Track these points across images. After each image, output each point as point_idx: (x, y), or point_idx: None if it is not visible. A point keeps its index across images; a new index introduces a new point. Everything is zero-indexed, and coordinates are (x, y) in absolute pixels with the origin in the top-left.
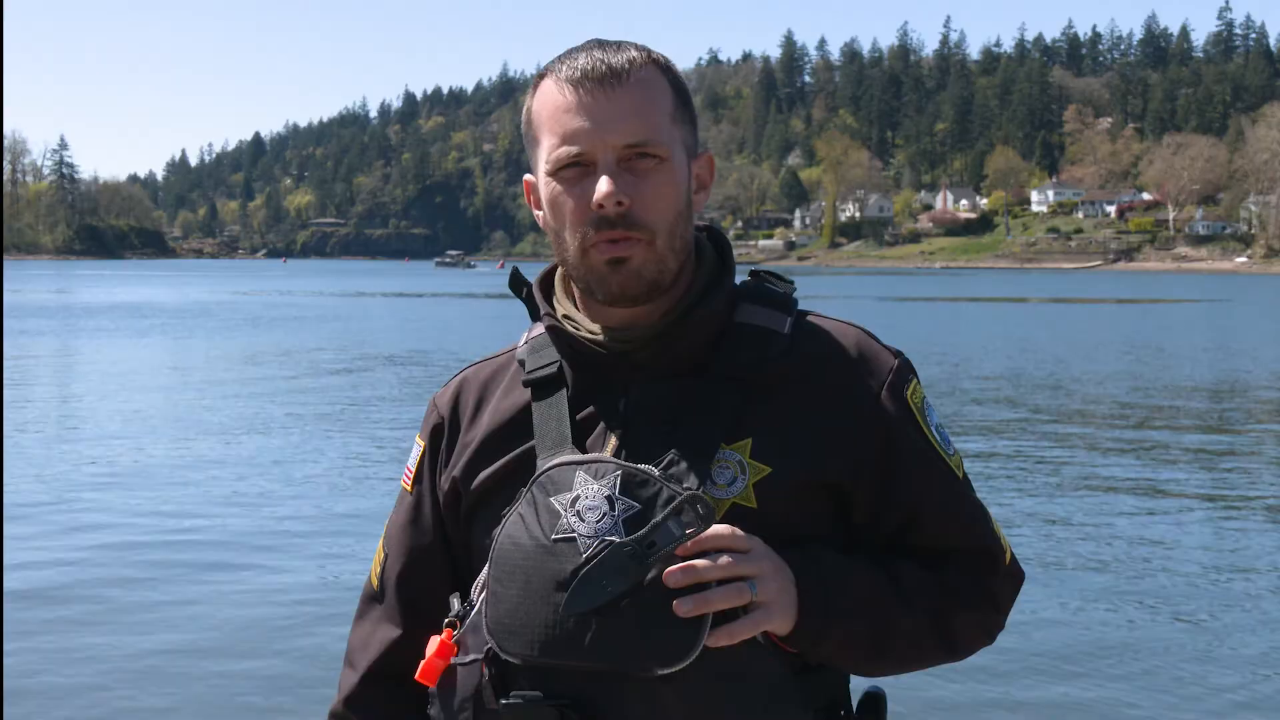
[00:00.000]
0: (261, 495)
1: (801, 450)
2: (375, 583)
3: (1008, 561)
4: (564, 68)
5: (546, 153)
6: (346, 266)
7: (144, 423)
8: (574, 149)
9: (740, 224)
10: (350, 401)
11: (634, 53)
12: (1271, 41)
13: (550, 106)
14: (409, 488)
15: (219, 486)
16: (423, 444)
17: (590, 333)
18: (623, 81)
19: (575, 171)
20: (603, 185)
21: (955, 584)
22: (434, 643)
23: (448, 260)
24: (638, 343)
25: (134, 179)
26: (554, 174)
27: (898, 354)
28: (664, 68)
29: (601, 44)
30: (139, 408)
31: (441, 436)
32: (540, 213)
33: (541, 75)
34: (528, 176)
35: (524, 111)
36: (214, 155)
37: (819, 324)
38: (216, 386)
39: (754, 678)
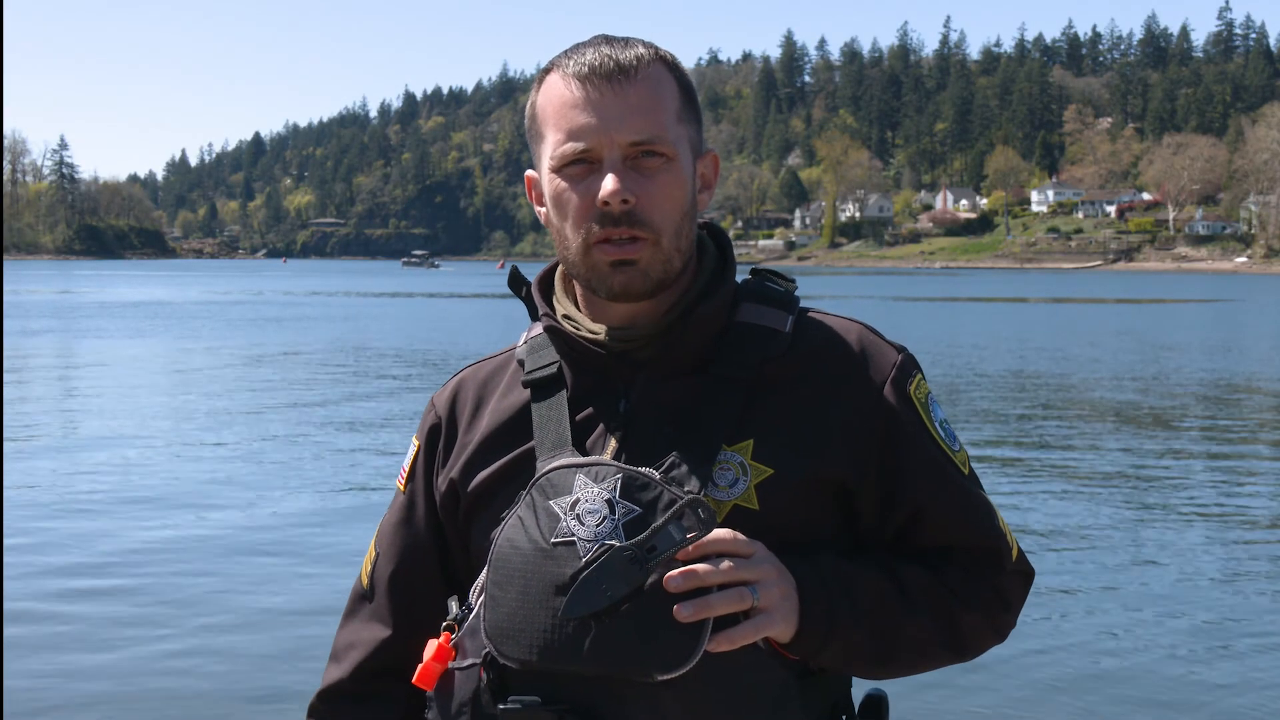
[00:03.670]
0: (261, 495)
1: (804, 450)
2: (365, 582)
3: (1015, 558)
4: (571, 63)
5: (552, 148)
6: (346, 266)
7: (145, 422)
8: (580, 145)
9: (740, 224)
10: (352, 400)
11: (642, 49)
12: (1271, 41)
13: (556, 102)
14: (402, 487)
15: (217, 486)
16: (418, 444)
17: (590, 332)
18: (631, 79)
19: (580, 168)
20: (608, 183)
21: (961, 584)
22: (432, 646)
23: (414, 260)
24: (639, 340)
25: (134, 179)
26: (559, 170)
27: (901, 349)
28: (671, 65)
29: (609, 40)
30: (141, 407)
31: (439, 437)
32: (542, 209)
33: (547, 70)
34: (530, 172)
35: (528, 106)
36: (214, 155)
37: (821, 321)
38: (217, 386)
39: (755, 683)
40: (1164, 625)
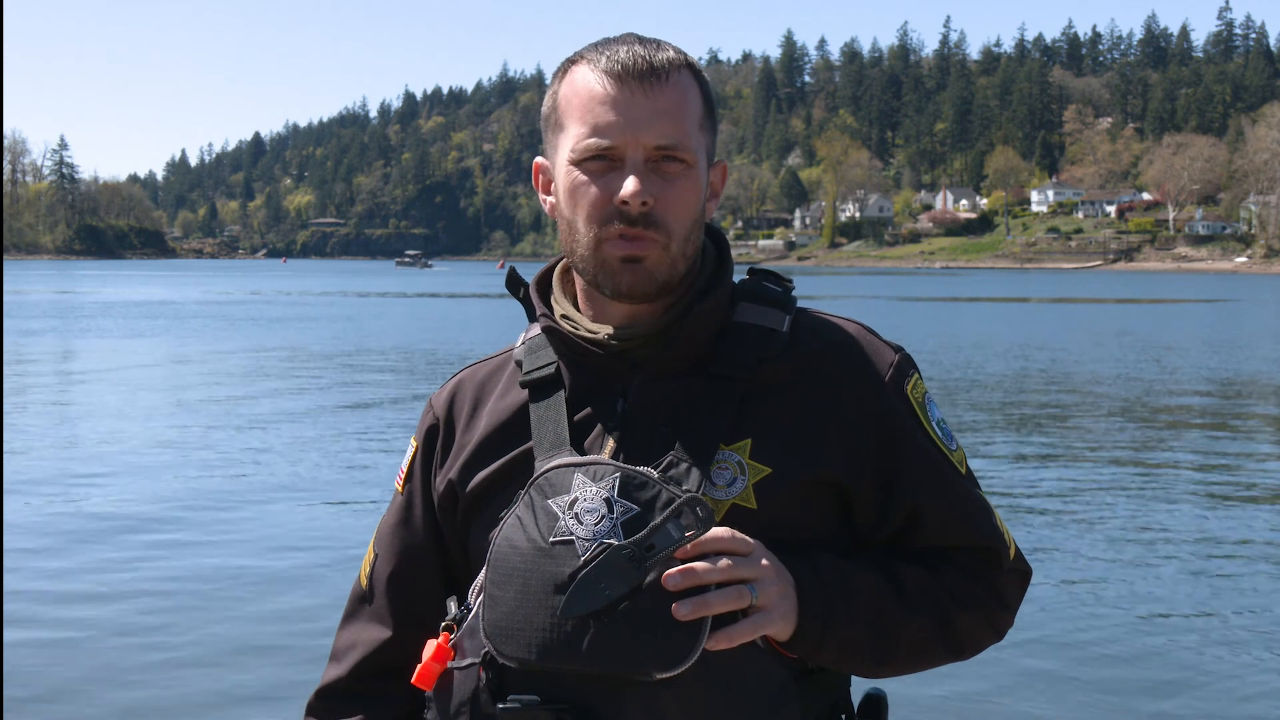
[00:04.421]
0: (259, 496)
1: (801, 450)
2: (365, 583)
3: (1012, 557)
4: (602, 58)
5: (573, 140)
6: (344, 266)
7: (145, 422)
8: (604, 142)
9: (740, 224)
10: (351, 401)
11: (673, 53)
12: (1271, 41)
13: (584, 94)
14: (400, 488)
15: (215, 486)
16: (416, 444)
17: (589, 332)
18: (661, 82)
19: (601, 164)
20: (630, 184)
21: (958, 583)
22: (431, 646)
23: (406, 260)
24: (637, 340)
25: (134, 179)
26: (578, 163)
27: (898, 349)
28: (697, 73)
29: (641, 40)
30: (142, 407)
31: (436, 437)
32: (549, 199)
33: (573, 61)
34: (540, 159)
35: (548, 95)
36: (214, 155)
37: (818, 321)
38: (217, 386)
39: (753, 682)
40: (1165, 623)
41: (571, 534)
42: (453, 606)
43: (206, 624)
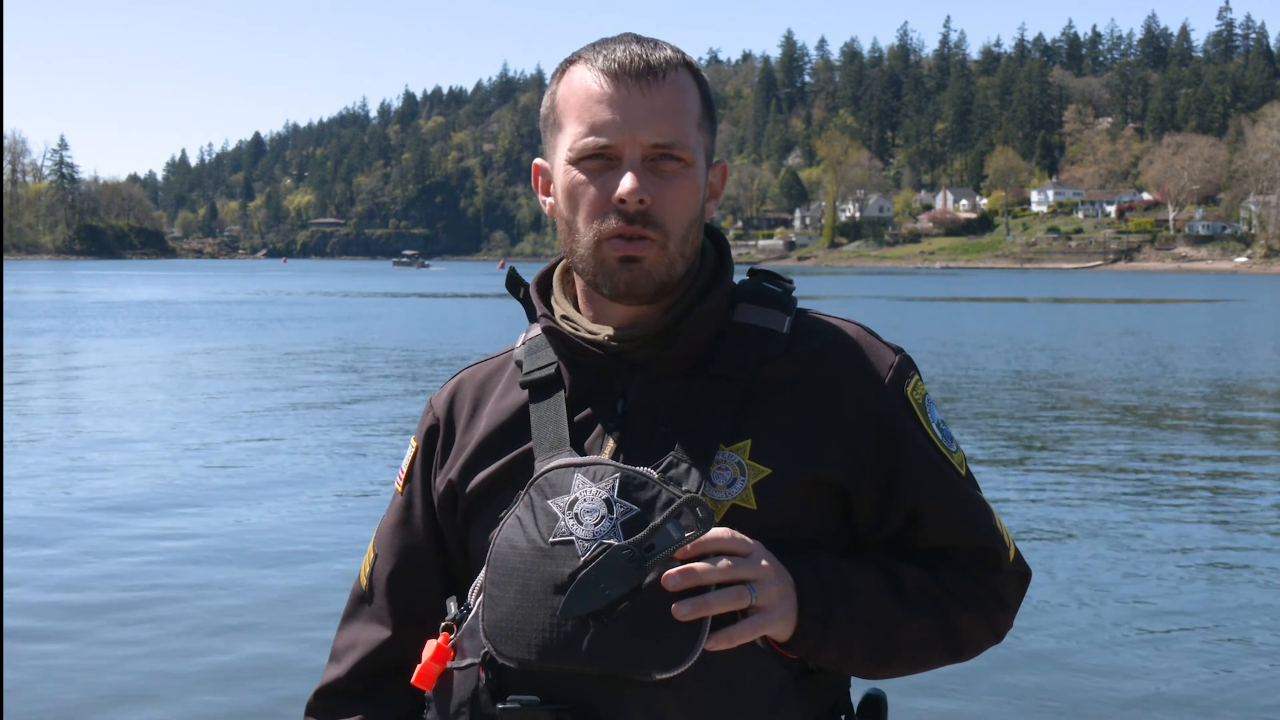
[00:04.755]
0: (260, 497)
1: (801, 450)
2: (364, 583)
3: (1012, 559)
4: (600, 57)
5: (571, 140)
6: (343, 266)
7: (146, 422)
8: (602, 140)
9: (740, 224)
10: (352, 401)
11: (670, 52)
12: (1271, 41)
13: (581, 94)
14: (400, 488)
15: (214, 488)
16: (416, 445)
17: (589, 333)
18: (659, 80)
19: (598, 163)
20: (627, 182)
21: (958, 584)
22: (430, 646)
23: (404, 260)
24: (637, 341)
25: (134, 179)
26: (576, 162)
27: (898, 350)
28: (695, 72)
29: (639, 39)
30: (143, 407)
31: (436, 438)
32: (549, 199)
33: (571, 61)
34: (539, 160)
35: (547, 95)
36: (214, 155)
37: (818, 322)
38: (218, 386)
39: (753, 682)
40: (1164, 626)
41: (571, 534)
42: (452, 606)
43: (204, 624)
